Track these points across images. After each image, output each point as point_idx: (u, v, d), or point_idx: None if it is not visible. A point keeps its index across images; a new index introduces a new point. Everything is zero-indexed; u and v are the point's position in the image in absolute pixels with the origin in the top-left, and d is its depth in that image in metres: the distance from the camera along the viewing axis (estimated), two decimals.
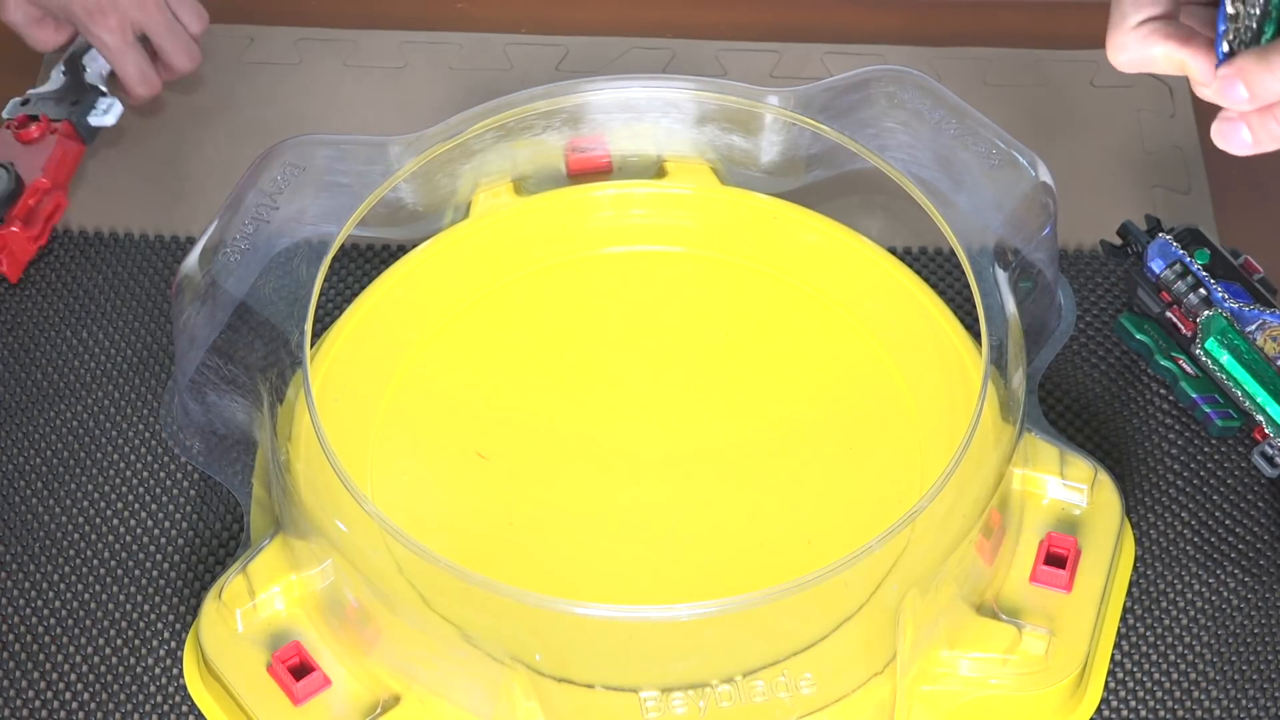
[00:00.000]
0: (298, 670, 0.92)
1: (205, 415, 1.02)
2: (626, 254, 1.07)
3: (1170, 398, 1.06)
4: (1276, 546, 1.00)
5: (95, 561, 1.00)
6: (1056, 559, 0.96)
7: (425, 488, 0.97)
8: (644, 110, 1.07)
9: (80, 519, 1.01)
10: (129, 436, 1.04)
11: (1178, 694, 0.95)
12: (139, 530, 1.01)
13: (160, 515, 1.01)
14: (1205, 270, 1.04)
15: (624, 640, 0.90)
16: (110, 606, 0.98)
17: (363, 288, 1.04)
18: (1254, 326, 1.02)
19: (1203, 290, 1.04)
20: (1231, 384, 1.01)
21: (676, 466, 0.98)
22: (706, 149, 1.08)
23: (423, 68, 1.24)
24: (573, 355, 1.02)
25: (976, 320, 0.96)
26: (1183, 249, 1.05)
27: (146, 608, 0.98)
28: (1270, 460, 0.98)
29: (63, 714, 0.95)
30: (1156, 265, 1.05)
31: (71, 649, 0.97)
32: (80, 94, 1.16)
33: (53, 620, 0.98)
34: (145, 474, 1.03)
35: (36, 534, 1.01)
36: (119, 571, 0.99)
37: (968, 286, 0.97)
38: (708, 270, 1.06)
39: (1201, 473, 1.03)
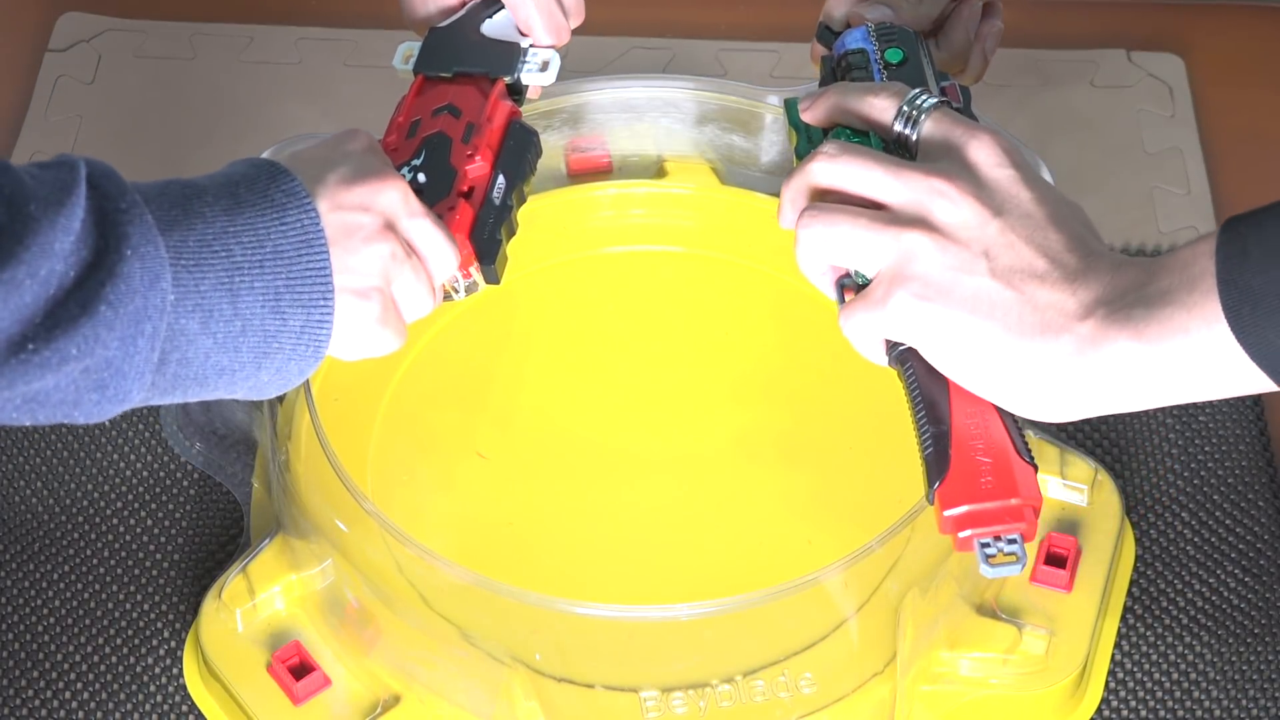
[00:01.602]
0: (298, 670, 0.92)
1: (205, 415, 1.02)
2: (626, 254, 1.07)
3: None
4: (1276, 546, 1.00)
5: (95, 561, 1.00)
6: (1057, 559, 0.96)
7: (425, 488, 0.97)
8: (644, 110, 1.07)
9: (80, 519, 1.01)
10: (129, 436, 1.04)
11: (1178, 694, 0.95)
12: (139, 530, 1.01)
13: (160, 515, 1.01)
14: (889, 67, 0.91)
15: (624, 640, 0.90)
16: (110, 606, 0.98)
17: None
18: None
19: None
20: None
21: (676, 466, 0.97)
22: (706, 149, 1.08)
23: None
24: (573, 355, 1.02)
25: None
26: (877, 43, 0.93)
27: (146, 607, 0.98)
28: (844, 289, 0.83)
29: (63, 714, 0.95)
30: (839, 49, 0.94)
31: (71, 649, 0.97)
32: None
33: (53, 620, 0.98)
34: (145, 474, 1.03)
35: (36, 534, 1.01)
36: (119, 571, 0.99)
37: None
38: (708, 270, 1.06)
39: (1202, 472, 1.03)
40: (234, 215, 0.76)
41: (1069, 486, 0.98)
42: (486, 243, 0.87)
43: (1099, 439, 1.04)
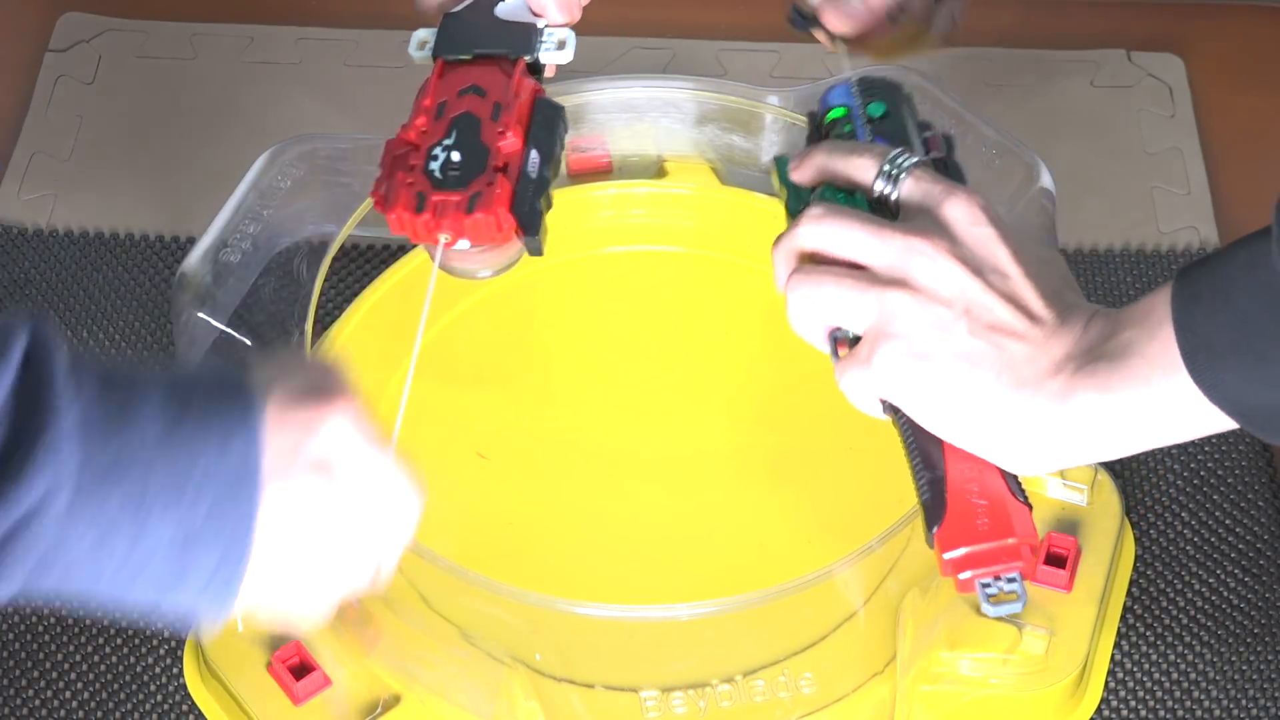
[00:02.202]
0: (298, 670, 0.92)
1: None
2: (626, 254, 1.07)
3: None
4: (1276, 546, 1.00)
5: None
6: (1057, 559, 0.96)
7: (425, 488, 0.97)
8: (644, 110, 1.07)
9: None
10: None
11: (1178, 694, 0.95)
12: None
13: None
14: (872, 122, 0.91)
15: (624, 640, 0.90)
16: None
17: (363, 288, 1.04)
18: None
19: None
20: None
21: (676, 466, 0.97)
22: (707, 149, 1.08)
23: (423, 68, 1.23)
24: (573, 355, 1.02)
25: None
26: (860, 97, 0.92)
27: None
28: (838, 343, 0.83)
29: (63, 714, 0.95)
30: (822, 105, 0.93)
31: (71, 649, 0.97)
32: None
33: (53, 620, 0.98)
34: None
35: None
36: None
37: None
38: (708, 270, 1.06)
39: (1201, 472, 1.03)
40: (173, 431, 0.68)
41: (1069, 486, 0.98)
42: (528, 215, 0.87)
43: None
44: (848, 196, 0.85)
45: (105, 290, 1.11)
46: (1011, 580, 0.79)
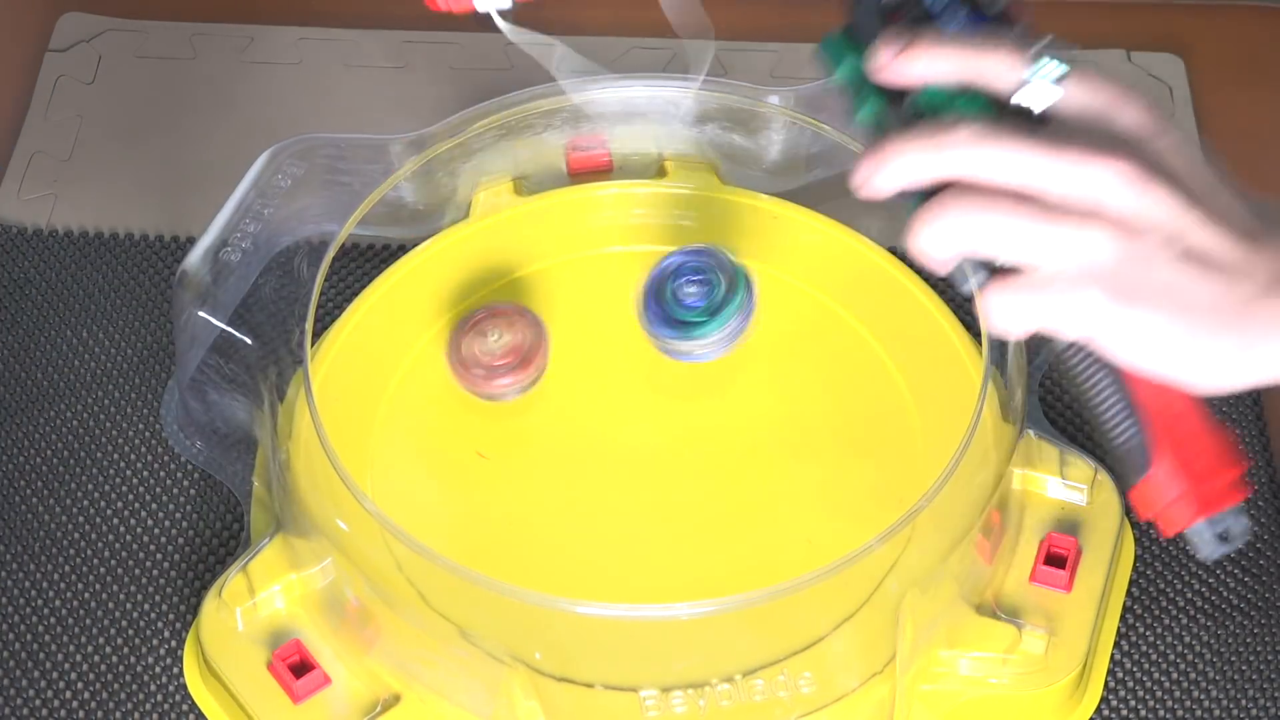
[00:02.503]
0: (298, 668, 0.92)
1: (206, 414, 1.02)
2: (627, 254, 1.07)
3: None
4: (1277, 546, 1.00)
5: (95, 561, 1.00)
6: (1056, 559, 0.96)
7: (425, 487, 0.97)
8: (644, 110, 1.07)
9: (80, 519, 1.01)
10: (129, 436, 1.04)
11: (1178, 694, 0.95)
12: (139, 530, 1.01)
13: (160, 515, 1.01)
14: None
15: (624, 639, 0.90)
16: (110, 606, 0.98)
17: (363, 287, 1.04)
18: None
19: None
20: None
21: (676, 466, 0.97)
22: (707, 148, 1.08)
23: (423, 68, 1.24)
24: (572, 355, 1.02)
25: (976, 320, 0.96)
26: None
27: (146, 607, 0.98)
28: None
29: (63, 714, 0.95)
30: None
31: (71, 649, 0.97)
32: None
33: (53, 620, 0.98)
34: (145, 474, 1.03)
35: (36, 534, 1.01)
36: (119, 571, 0.99)
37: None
38: None
39: None
40: None
41: (1069, 486, 0.98)
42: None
43: (1099, 440, 1.04)
44: (960, 99, 0.74)
45: (105, 290, 1.11)
46: (1238, 514, 0.73)
